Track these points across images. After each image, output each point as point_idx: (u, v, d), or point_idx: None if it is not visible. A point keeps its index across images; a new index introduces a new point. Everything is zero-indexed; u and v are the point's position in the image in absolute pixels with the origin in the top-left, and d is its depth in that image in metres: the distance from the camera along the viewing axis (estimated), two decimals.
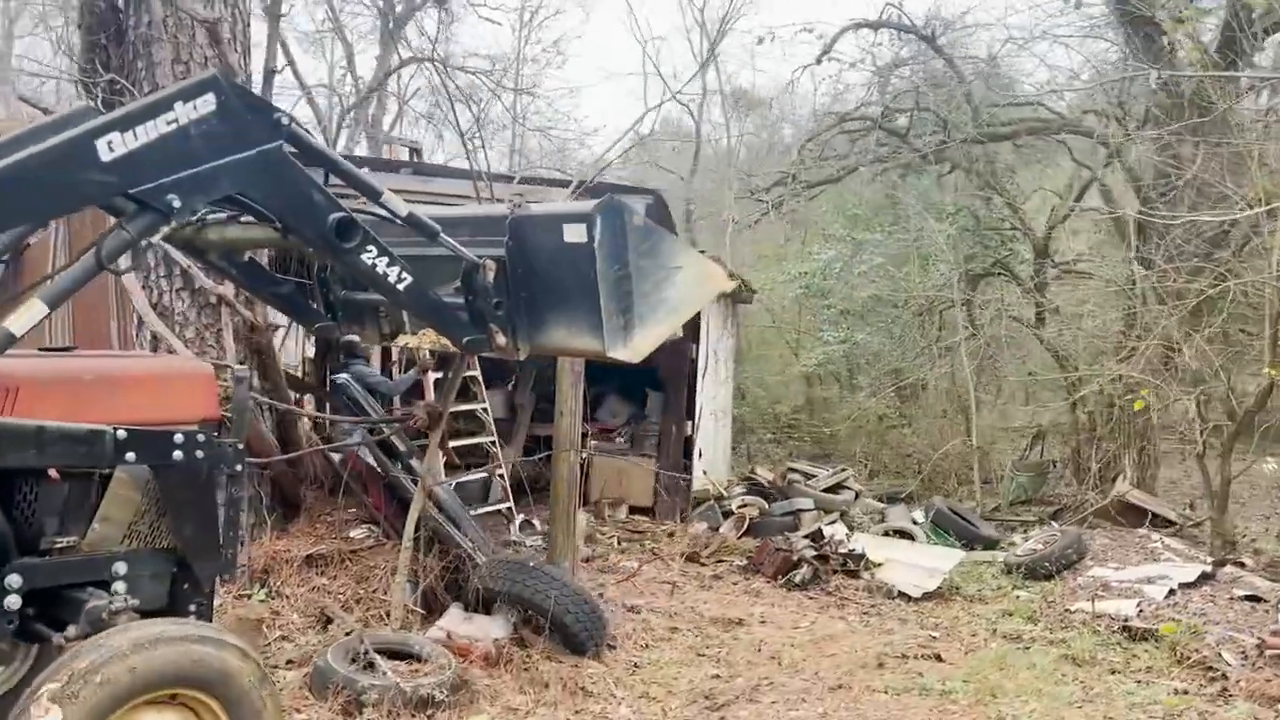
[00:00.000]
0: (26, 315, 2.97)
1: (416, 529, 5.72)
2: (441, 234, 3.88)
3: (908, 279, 14.29)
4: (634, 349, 3.93)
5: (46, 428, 3.24)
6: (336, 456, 6.17)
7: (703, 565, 9.14)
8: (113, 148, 2.97)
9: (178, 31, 6.53)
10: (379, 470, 6.17)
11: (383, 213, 3.80)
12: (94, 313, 6.35)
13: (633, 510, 11.14)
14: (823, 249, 15.50)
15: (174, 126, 3.07)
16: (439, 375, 8.50)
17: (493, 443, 9.54)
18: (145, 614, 3.59)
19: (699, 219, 22.26)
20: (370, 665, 4.90)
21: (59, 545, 3.47)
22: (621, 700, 5.36)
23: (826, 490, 11.55)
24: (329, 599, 5.68)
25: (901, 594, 8.46)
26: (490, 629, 5.55)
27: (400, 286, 3.78)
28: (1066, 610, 8.09)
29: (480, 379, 9.63)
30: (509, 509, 10.98)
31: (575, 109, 55.43)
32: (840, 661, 6.52)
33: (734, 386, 13.88)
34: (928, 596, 8.41)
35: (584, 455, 11.58)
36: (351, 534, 6.33)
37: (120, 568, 3.53)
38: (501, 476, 11.60)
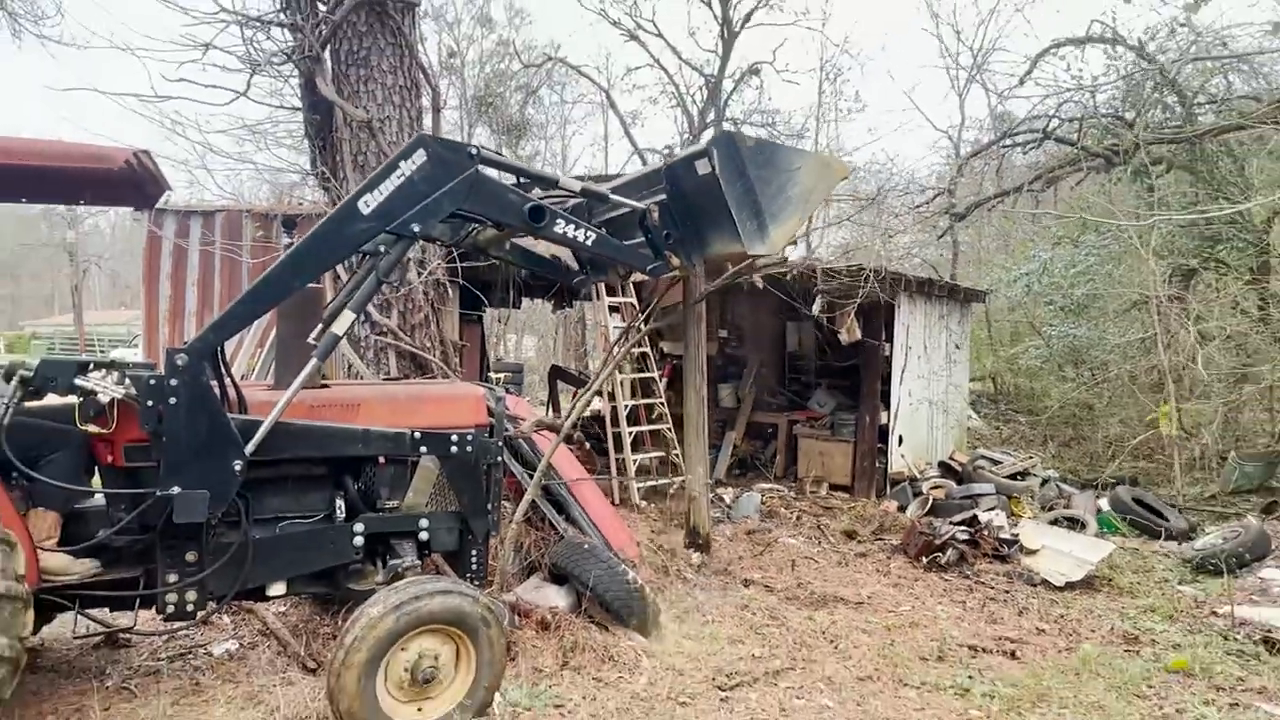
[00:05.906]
0: (343, 321, 4.13)
1: (528, 511, 6.61)
2: (612, 195, 4.73)
3: (1124, 276, 14.80)
4: (771, 244, 4.53)
5: (372, 430, 4.56)
6: None
7: (858, 542, 9.56)
8: (368, 204, 4.09)
9: (359, 131, 7.77)
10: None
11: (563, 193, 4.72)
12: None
13: (833, 488, 12.51)
14: (1040, 250, 16.52)
15: (403, 179, 4.14)
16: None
17: (668, 429, 11.14)
18: (444, 556, 5.06)
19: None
20: None
21: (388, 507, 4.70)
22: (644, 671, 5.45)
23: (1011, 476, 12.10)
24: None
25: (1045, 582, 8.17)
26: (555, 599, 6.04)
27: (589, 242, 4.61)
28: (1213, 612, 7.37)
29: (658, 378, 11.17)
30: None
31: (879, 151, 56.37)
32: (901, 650, 6.19)
33: (961, 379, 14.56)
34: (1072, 586, 8.06)
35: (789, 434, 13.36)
36: None
37: (424, 523, 4.76)
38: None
